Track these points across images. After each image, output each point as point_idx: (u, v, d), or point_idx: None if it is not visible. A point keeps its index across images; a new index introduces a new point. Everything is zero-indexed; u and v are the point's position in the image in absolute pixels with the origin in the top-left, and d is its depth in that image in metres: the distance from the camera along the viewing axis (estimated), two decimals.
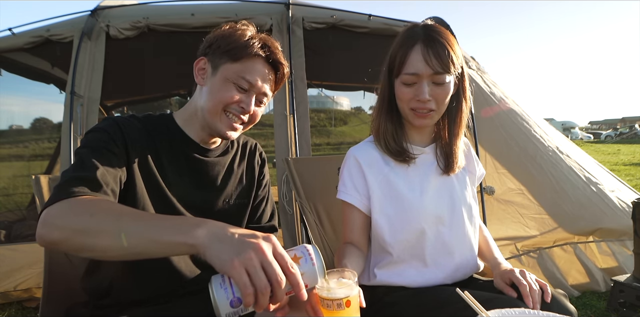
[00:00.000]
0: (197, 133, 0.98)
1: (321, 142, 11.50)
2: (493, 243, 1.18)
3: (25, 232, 2.70)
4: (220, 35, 0.94)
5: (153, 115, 0.99)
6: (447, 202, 1.08)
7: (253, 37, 0.93)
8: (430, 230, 1.05)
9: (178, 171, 0.95)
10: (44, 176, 1.17)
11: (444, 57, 0.96)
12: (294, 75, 2.55)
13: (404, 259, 1.06)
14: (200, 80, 0.96)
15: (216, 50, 0.92)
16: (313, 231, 1.40)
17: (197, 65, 0.96)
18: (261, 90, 0.94)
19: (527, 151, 2.64)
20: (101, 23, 2.64)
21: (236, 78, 0.91)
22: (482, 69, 2.97)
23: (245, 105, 0.92)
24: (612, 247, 2.44)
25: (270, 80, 0.97)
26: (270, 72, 0.96)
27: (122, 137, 0.86)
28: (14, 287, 2.26)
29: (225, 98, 0.91)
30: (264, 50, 0.93)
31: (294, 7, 2.69)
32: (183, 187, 0.95)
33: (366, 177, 1.08)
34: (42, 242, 0.66)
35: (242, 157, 1.10)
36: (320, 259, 0.62)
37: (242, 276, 0.53)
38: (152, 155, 0.91)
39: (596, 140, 28.27)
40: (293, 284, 0.58)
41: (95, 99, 2.56)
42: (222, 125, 0.93)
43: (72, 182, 0.73)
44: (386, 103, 1.08)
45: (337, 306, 0.67)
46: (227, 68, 0.91)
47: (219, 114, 0.92)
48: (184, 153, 0.97)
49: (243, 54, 0.91)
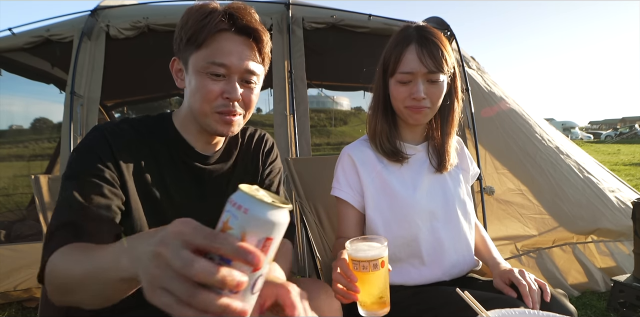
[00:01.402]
0: (195, 136, 0.90)
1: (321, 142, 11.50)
2: (491, 242, 1.19)
3: (25, 232, 2.70)
4: (179, 25, 0.81)
5: (150, 117, 0.91)
6: (440, 199, 1.09)
7: (212, 12, 0.78)
8: (425, 226, 1.06)
9: (178, 182, 0.88)
10: (43, 175, 1.16)
11: (437, 56, 0.98)
12: (294, 75, 2.55)
13: (400, 257, 1.07)
14: (180, 83, 0.86)
15: (180, 44, 0.81)
16: (313, 231, 1.40)
17: (172, 68, 0.87)
18: (241, 68, 0.80)
19: (527, 151, 2.64)
20: (101, 23, 2.64)
21: (206, 66, 0.78)
22: (482, 69, 2.97)
23: (228, 93, 0.80)
24: (610, 247, 2.45)
25: (250, 52, 0.81)
26: (245, 43, 0.81)
27: (111, 153, 0.79)
28: (14, 287, 2.26)
29: (204, 95, 0.80)
30: (227, 22, 0.78)
31: (294, 7, 2.69)
32: (185, 199, 0.88)
33: (360, 175, 1.09)
34: None
35: (246, 153, 1.00)
36: (255, 198, 0.40)
37: (161, 298, 0.37)
38: (148, 166, 0.84)
39: (596, 140, 28.28)
40: (235, 255, 0.37)
41: (95, 99, 2.56)
42: (217, 125, 0.83)
43: (58, 233, 0.70)
44: (381, 103, 1.10)
45: (374, 267, 0.70)
46: (194, 59, 0.80)
47: (208, 114, 0.82)
48: (184, 162, 0.89)
49: (204, 35, 0.77)
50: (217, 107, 0.81)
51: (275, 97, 2.58)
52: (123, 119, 0.88)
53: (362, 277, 0.71)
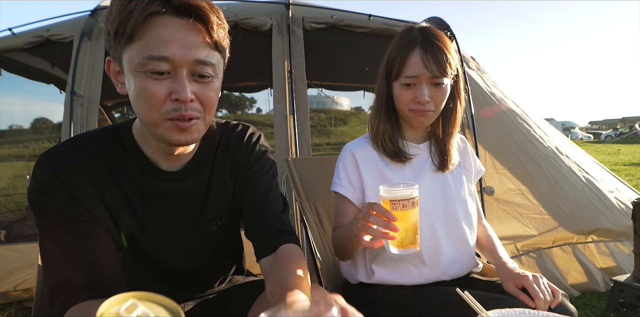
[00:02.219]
0: (156, 152, 0.77)
1: (321, 142, 11.49)
2: (497, 242, 1.17)
3: (25, 232, 2.70)
4: (106, 17, 0.65)
5: (108, 129, 0.78)
6: (440, 198, 1.10)
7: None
8: (424, 224, 1.06)
9: (146, 202, 0.78)
10: None
11: (442, 61, 0.98)
12: (294, 75, 2.55)
13: (401, 256, 1.06)
14: (121, 88, 0.70)
15: (110, 40, 0.65)
16: (313, 231, 1.40)
17: (109, 71, 0.71)
18: (188, 59, 0.63)
19: (526, 151, 2.64)
20: (101, 23, 2.64)
21: (143, 63, 0.62)
22: (482, 69, 2.98)
23: (177, 94, 0.64)
24: (611, 247, 2.45)
25: (196, 37, 0.64)
26: (188, 25, 0.64)
27: (66, 190, 0.69)
28: (14, 287, 2.26)
29: (147, 100, 0.64)
30: (158, 2, 0.61)
31: (294, 7, 2.69)
32: (154, 221, 0.79)
33: (361, 172, 1.10)
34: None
35: (223, 159, 0.86)
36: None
37: None
38: (110, 190, 0.74)
39: (596, 141, 28.28)
40: None
41: (95, 99, 2.56)
42: (170, 134, 0.67)
43: (54, 296, 0.69)
44: (384, 105, 1.10)
45: (412, 205, 0.79)
46: (127, 56, 0.64)
47: (158, 122, 0.66)
48: (147, 181, 0.77)
49: (132, 23, 0.61)
50: (167, 113, 0.65)
51: (275, 97, 2.58)
52: (72, 138, 0.76)
53: (401, 216, 0.78)
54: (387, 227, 0.76)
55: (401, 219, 0.78)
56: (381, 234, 0.77)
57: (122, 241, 0.79)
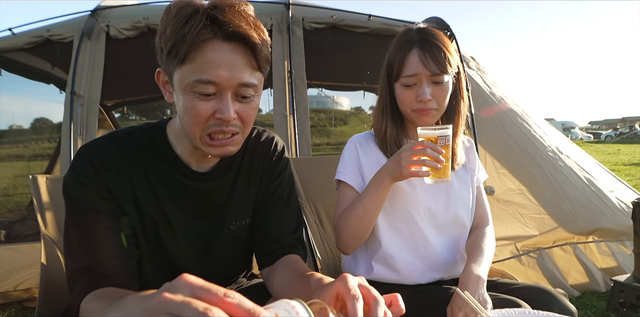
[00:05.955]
0: (189, 153, 0.82)
1: (321, 142, 11.48)
2: (480, 254, 1.04)
3: (25, 232, 2.69)
4: (158, 32, 0.70)
5: (143, 128, 0.83)
6: (442, 197, 1.10)
7: (193, 15, 0.66)
8: (422, 222, 1.07)
9: (174, 200, 0.82)
10: (41, 175, 1.15)
11: (440, 59, 0.99)
12: (294, 75, 2.55)
13: (398, 253, 1.07)
14: (169, 97, 0.76)
15: (162, 55, 0.71)
16: (313, 231, 1.40)
17: (158, 80, 0.77)
18: (234, 82, 0.69)
19: (527, 151, 2.64)
20: (101, 23, 2.64)
21: (192, 85, 0.68)
22: (482, 69, 2.97)
23: (221, 113, 0.70)
24: (612, 247, 2.44)
25: (243, 61, 0.70)
26: (236, 50, 0.69)
27: (101, 182, 0.74)
28: (14, 287, 2.26)
29: (194, 118, 0.70)
30: (210, 29, 0.66)
31: (294, 7, 2.69)
32: (179, 217, 0.84)
33: (362, 164, 1.10)
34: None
35: (250, 162, 0.91)
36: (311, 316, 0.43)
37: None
38: (141, 186, 0.79)
39: (596, 141, 28.28)
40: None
41: (95, 99, 2.56)
42: (211, 149, 0.74)
43: (75, 281, 0.73)
44: (388, 106, 1.10)
45: (448, 141, 0.93)
46: (178, 75, 0.70)
47: (200, 137, 0.73)
48: (177, 180, 0.82)
49: (185, 48, 0.66)
50: (209, 128, 0.71)
51: (275, 97, 2.58)
52: (111, 133, 0.82)
53: (447, 149, 0.92)
54: (438, 160, 0.87)
55: (444, 152, 0.90)
56: (433, 164, 0.87)
57: (143, 235, 0.82)
